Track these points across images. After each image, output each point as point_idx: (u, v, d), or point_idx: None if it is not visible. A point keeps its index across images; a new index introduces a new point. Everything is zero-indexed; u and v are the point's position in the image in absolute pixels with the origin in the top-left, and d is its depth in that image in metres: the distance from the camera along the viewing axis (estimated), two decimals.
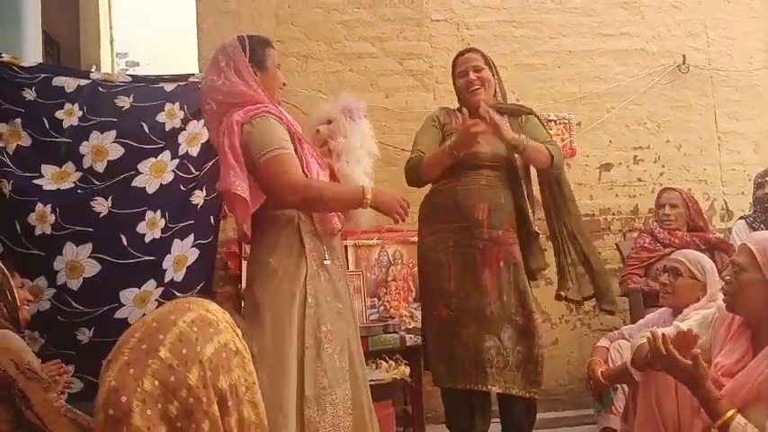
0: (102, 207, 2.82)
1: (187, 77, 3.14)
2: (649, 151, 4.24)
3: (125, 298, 2.81)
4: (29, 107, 2.83)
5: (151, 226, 2.88)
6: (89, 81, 2.98)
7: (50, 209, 2.74)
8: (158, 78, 3.13)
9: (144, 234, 2.87)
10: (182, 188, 2.96)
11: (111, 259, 2.80)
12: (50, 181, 2.79)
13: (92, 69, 4.06)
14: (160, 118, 2.99)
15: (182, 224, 2.93)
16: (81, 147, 2.86)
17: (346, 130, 2.28)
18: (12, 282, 2.19)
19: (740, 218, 3.81)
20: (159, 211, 2.90)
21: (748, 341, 1.83)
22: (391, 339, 3.23)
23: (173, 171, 2.94)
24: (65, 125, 2.87)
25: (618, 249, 3.88)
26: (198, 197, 2.99)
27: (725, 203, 4.28)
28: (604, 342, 2.76)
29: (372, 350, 3.10)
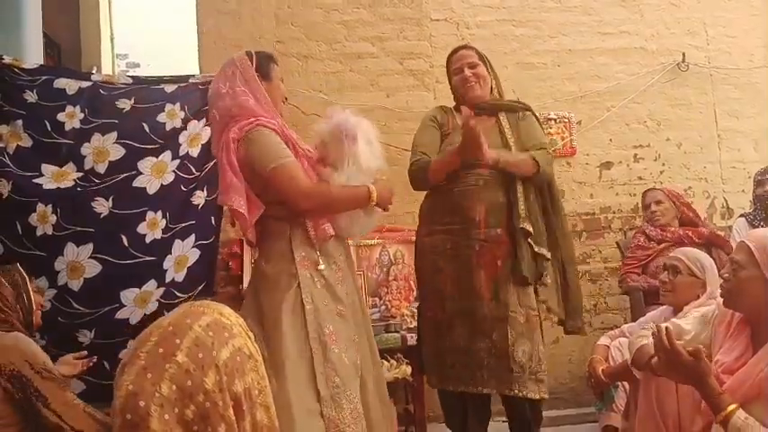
0: (102, 207, 2.83)
1: (187, 78, 3.14)
2: (649, 149, 4.24)
3: (126, 298, 2.82)
4: (30, 109, 2.84)
5: (152, 226, 2.89)
6: (90, 83, 2.98)
7: (51, 209, 2.75)
8: (159, 79, 3.14)
9: (145, 234, 2.87)
10: (182, 188, 2.96)
11: (111, 259, 2.81)
12: (50, 180, 2.79)
13: (92, 71, 4.07)
14: (161, 118, 2.99)
15: (182, 224, 2.94)
16: (82, 148, 2.87)
17: (338, 159, 2.21)
18: (30, 286, 2.25)
19: (740, 215, 3.81)
20: (160, 212, 2.91)
21: (748, 338, 1.83)
22: (392, 339, 3.24)
23: (173, 171, 2.95)
24: (66, 127, 2.87)
25: (618, 247, 3.88)
26: (199, 197, 3.00)
27: (725, 201, 4.28)
28: (605, 340, 2.77)
29: None
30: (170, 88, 3.06)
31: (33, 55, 3.25)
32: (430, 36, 4.11)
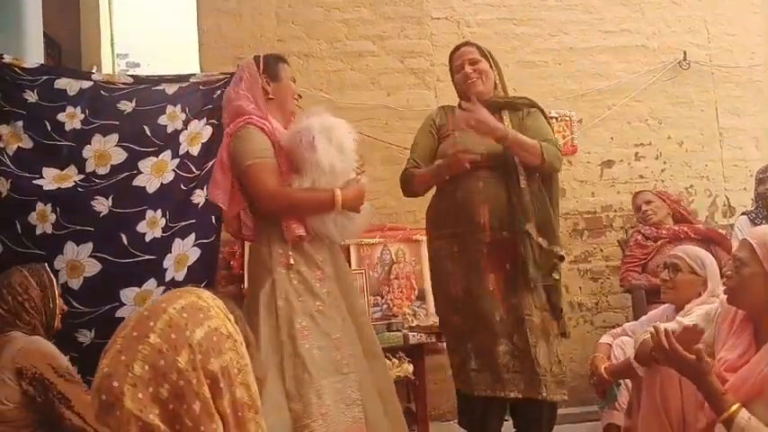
0: (102, 206, 2.81)
1: (188, 78, 3.13)
2: (651, 148, 4.24)
3: (126, 297, 2.81)
4: (30, 109, 2.82)
5: (152, 225, 2.88)
6: (91, 84, 2.97)
7: (51, 208, 2.74)
8: (160, 79, 3.12)
9: (144, 233, 2.86)
10: (182, 187, 2.95)
11: (111, 258, 2.80)
12: (51, 182, 2.78)
13: (93, 70, 4.07)
14: (161, 120, 2.98)
15: (183, 223, 2.93)
16: (84, 151, 2.86)
17: (299, 164, 2.23)
18: (56, 289, 2.28)
19: (742, 213, 3.80)
20: (160, 211, 2.90)
21: (751, 336, 1.83)
22: (394, 337, 3.23)
23: (173, 170, 2.94)
24: (67, 128, 2.85)
25: (620, 246, 3.88)
26: (199, 196, 2.99)
27: (727, 199, 4.28)
28: (607, 339, 2.76)
29: None
30: (171, 89, 3.05)
31: (34, 55, 3.24)
32: (431, 34, 4.11)
